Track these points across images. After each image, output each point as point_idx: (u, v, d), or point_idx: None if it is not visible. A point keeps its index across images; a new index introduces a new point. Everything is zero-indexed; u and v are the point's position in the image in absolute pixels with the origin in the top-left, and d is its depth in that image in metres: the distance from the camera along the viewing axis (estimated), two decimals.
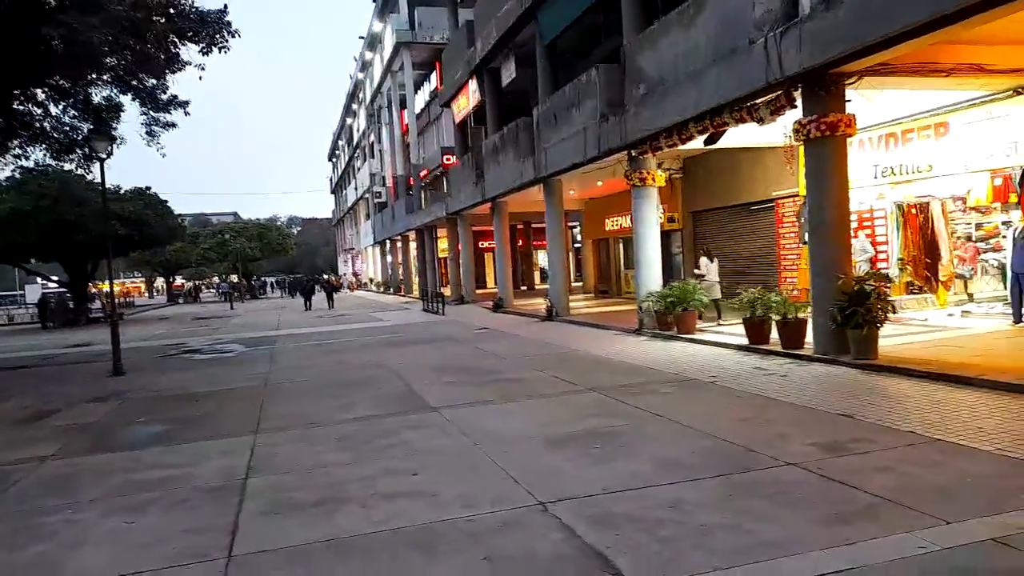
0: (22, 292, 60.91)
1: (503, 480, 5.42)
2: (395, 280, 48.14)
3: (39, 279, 42.69)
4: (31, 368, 15.80)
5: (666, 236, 22.49)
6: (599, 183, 20.97)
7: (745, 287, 13.37)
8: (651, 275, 14.44)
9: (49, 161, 17.90)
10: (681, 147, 13.31)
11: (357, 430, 7.44)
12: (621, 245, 26.24)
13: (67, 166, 19.38)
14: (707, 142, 12.33)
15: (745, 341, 11.40)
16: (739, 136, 12.69)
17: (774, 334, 10.94)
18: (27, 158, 17.55)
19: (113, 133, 17.13)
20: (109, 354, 13.84)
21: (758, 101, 10.45)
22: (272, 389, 10.59)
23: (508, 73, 22.00)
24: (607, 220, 25.13)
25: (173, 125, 18.40)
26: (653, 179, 14.28)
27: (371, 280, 61.86)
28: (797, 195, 15.66)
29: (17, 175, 30.43)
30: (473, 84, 25.26)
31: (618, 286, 25.86)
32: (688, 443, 6.14)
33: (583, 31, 19.17)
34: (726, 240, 18.87)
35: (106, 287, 64.17)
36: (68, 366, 15.83)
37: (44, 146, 17.55)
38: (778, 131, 12.20)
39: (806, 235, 15.37)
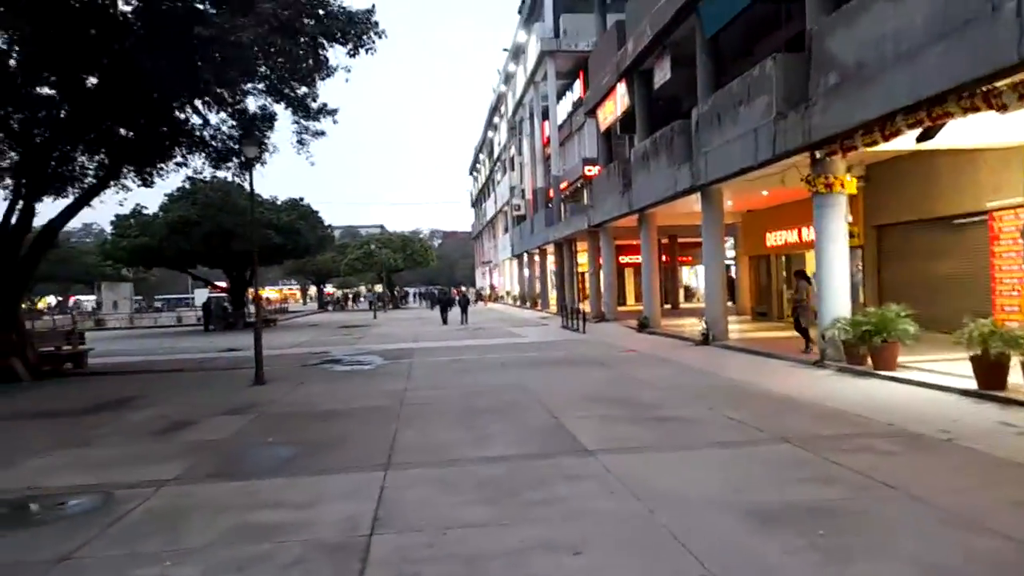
0: (192, 296, 66.23)
1: None
2: (531, 294, 47.42)
3: (206, 284, 45.73)
4: (181, 372, 16.10)
5: None
6: (764, 192, 18.83)
7: (940, 315, 11.08)
8: (837, 299, 12.33)
9: (208, 169, 18.38)
10: (879, 147, 11.21)
11: (500, 475, 6.23)
12: (783, 263, 23.77)
13: (224, 174, 19.96)
14: (920, 139, 10.19)
15: (969, 384, 9.17)
16: (958, 133, 10.43)
17: (1014, 377, 8.68)
18: (187, 166, 18.07)
19: (264, 140, 17.36)
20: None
21: (1001, 84, 8.30)
22: (406, 411, 9.68)
23: (662, 74, 20.40)
24: (768, 234, 22.74)
25: (322, 133, 18.44)
26: (842, 185, 12.20)
27: (507, 293, 61.70)
28: (1022, 206, 12.96)
29: (187, 185, 32.69)
30: (622, 88, 23.85)
31: (779, 308, 23.35)
32: (953, 539, 4.39)
33: (749, 23, 17.27)
34: (920, 259, 16.15)
35: (262, 293, 68.57)
36: (216, 372, 15.97)
37: (204, 154, 18.08)
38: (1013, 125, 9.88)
39: None
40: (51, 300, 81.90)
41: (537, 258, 44.69)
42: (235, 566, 4.41)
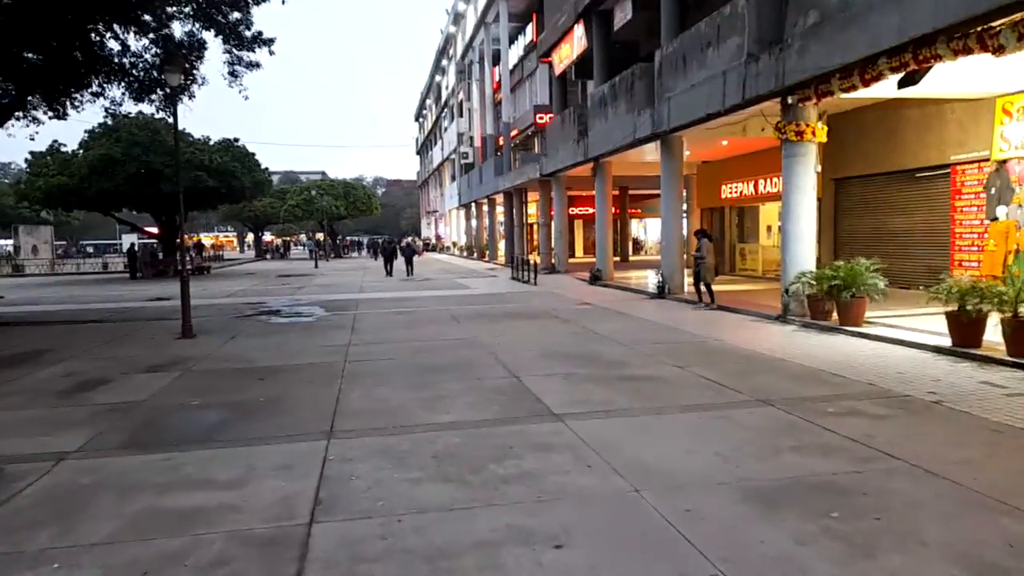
0: (120, 241, 62.85)
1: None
2: (479, 245, 46.48)
3: (132, 229, 43.13)
4: (102, 323, 14.77)
5: None
6: (724, 142, 18.29)
7: (898, 270, 10.83)
8: (802, 252, 11.91)
9: (129, 101, 16.66)
10: (855, 94, 10.65)
11: (460, 444, 5.50)
12: (736, 216, 23.49)
13: (148, 110, 18.24)
14: (902, 84, 9.63)
15: (941, 340, 8.87)
16: (932, 82, 9.91)
17: (989, 335, 8.39)
18: (104, 96, 16.34)
19: (190, 67, 15.80)
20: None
21: (999, 23, 7.75)
22: (351, 369, 8.84)
23: (623, 14, 19.46)
24: (724, 186, 22.35)
25: (257, 65, 16.96)
26: (813, 133, 11.64)
27: (454, 244, 60.56)
28: (987, 160, 12.72)
29: (109, 121, 30.24)
30: (579, 29, 22.79)
31: (732, 262, 23.15)
32: (984, 522, 3.88)
33: None
34: (878, 213, 15.95)
35: (201, 240, 65.66)
36: (140, 323, 14.71)
37: (123, 84, 16.36)
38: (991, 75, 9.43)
39: (997, 209, 12.52)
40: None
41: (485, 208, 43.60)
42: (138, 570, 3.57)
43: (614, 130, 19.32)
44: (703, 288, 14.59)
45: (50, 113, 16.53)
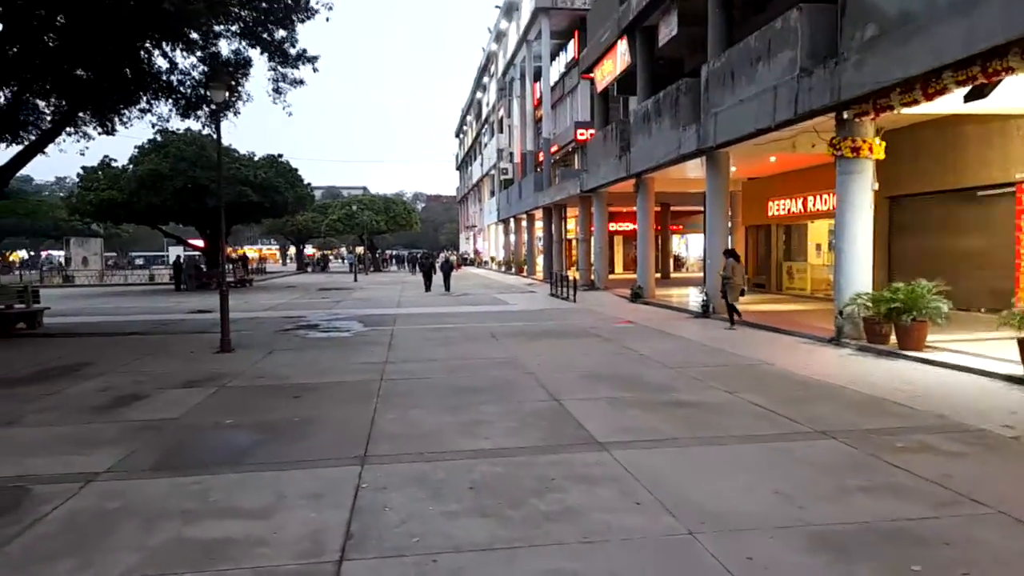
0: (166, 254, 64.34)
1: None
2: (517, 260, 46.28)
3: (178, 242, 43.96)
4: (142, 335, 14.89)
5: None
6: (771, 159, 17.80)
7: (957, 293, 10.24)
8: (858, 273, 11.36)
9: (176, 117, 16.92)
10: (916, 109, 10.16)
11: (499, 474, 5.20)
12: (783, 233, 22.84)
13: (194, 126, 18.52)
14: (968, 98, 9.12)
15: (1013, 368, 8.29)
16: (1007, 93, 9.37)
17: None
18: (152, 112, 16.61)
19: (235, 84, 15.98)
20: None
21: None
22: (387, 388, 8.62)
23: (668, 30, 19.11)
24: (770, 203, 21.77)
25: (301, 82, 17.11)
26: (870, 149, 11.14)
27: (492, 259, 60.50)
28: None
29: (158, 138, 30.96)
30: (622, 45, 22.51)
31: (778, 281, 22.48)
32: None
33: None
34: (935, 233, 15.25)
35: (246, 253, 66.85)
36: (181, 336, 14.79)
37: (170, 101, 16.62)
38: None
39: None
40: (23, 255, 79.61)
41: (524, 223, 43.44)
42: None
43: (657, 146, 18.95)
44: (728, 307, 14.52)
45: (100, 129, 16.86)
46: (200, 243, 37.31)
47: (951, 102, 9.75)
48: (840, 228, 11.61)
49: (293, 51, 16.45)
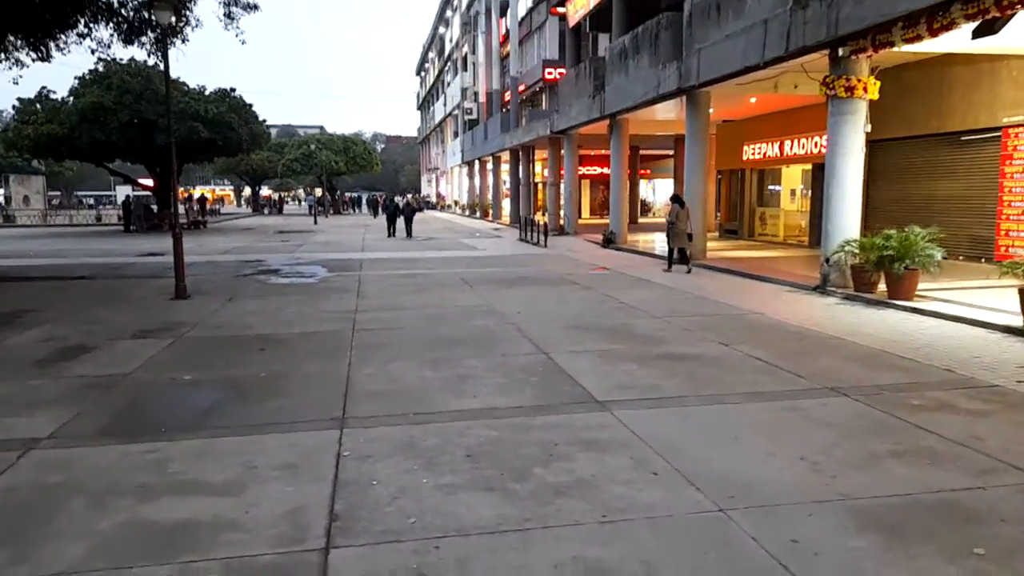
0: (114, 194, 61.57)
1: None
2: (482, 204, 45.38)
3: (126, 181, 41.76)
4: (90, 279, 13.91)
5: (824, 170, 18.72)
6: (752, 100, 17.23)
7: (940, 240, 10.01)
8: (847, 219, 11.02)
9: (117, 44, 15.54)
10: (918, 46, 9.67)
11: (496, 439, 4.71)
12: (756, 178, 22.51)
13: (138, 54, 17.10)
14: (977, 33, 8.63)
15: (1009, 320, 8.07)
16: (1015, 31, 8.90)
17: None
18: (91, 38, 15.20)
19: (183, 8, 14.68)
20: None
21: None
22: (361, 339, 8.03)
23: None
24: (745, 147, 21.33)
25: (255, 7, 15.90)
26: (865, 89, 10.66)
27: (455, 202, 59.37)
28: None
29: (100, 68, 28.93)
30: None
31: (751, 226, 22.24)
32: None
33: None
34: (916, 179, 15.00)
35: (196, 193, 64.31)
36: (131, 280, 13.87)
37: (112, 25, 15.21)
38: None
39: None
40: None
41: (490, 166, 42.39)
42: None
43: (634, 85, 18.21)
44: (669, 251, 14.81)
45: (33, 55, 15.41)
46: (149, 182, 35.48)
47: (955, 39, 9.29)
48: (830, 172, 11.21)
49: None
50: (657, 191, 43.31)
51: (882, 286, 10.30)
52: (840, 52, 10.57)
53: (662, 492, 3.87)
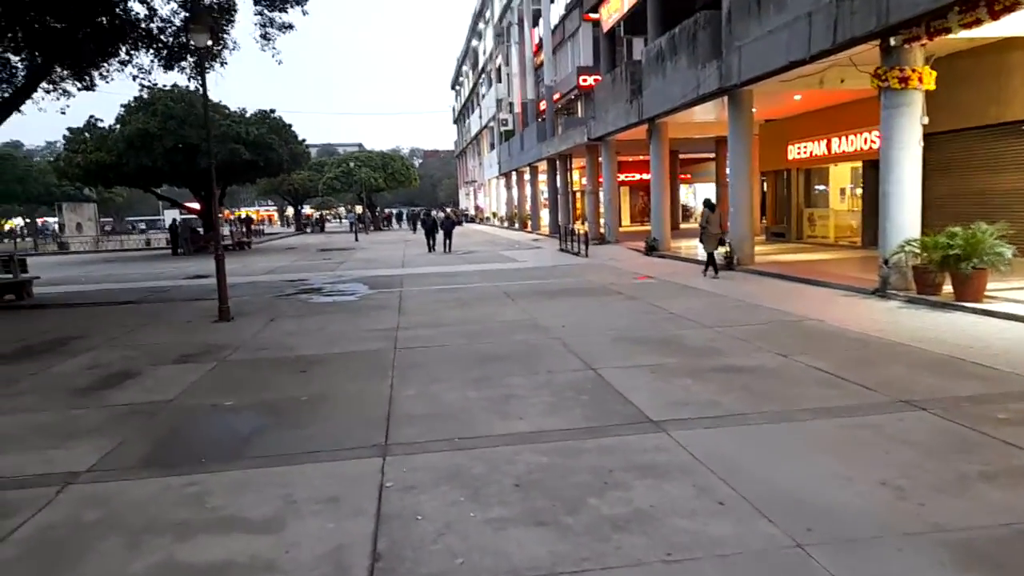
0: (162, 218, 63.22)
1: None
2: (520, 215, 45.22)
3: (172, 205, 42.76)
4: (136, 304, 14.08)
5: (875, 167, 18.00)
6: (796, 97, 16.71)
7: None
8: (906, 217, 10.47)
9: (158, 69, 15.81)
10: (977, 31, 9.14)
11: (545, 467, 4.43)
12: (803, 179, 21.82)
13: (179, 78, 17.40)
14: None
15: None
16: None
17: None
18: (132, 64, 15.49)
19: (218, 27, 14.86)
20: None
21: None
22: (402, 359, 7.84)
23: None
24: (791, 146, 20.70)
25: (290, 27, 15.97)
26: (920, 79, 10.14)
27: (493, 214, 59.37)
28: None
29: (144, 95, 29.68)
30: None
31: (799, 228, 21.55)
32: None
33: None
34: (972, 172, 14.27)
35: (249, 215, 65.54)
36: (177, 304, 14.00)
37: (151, 51, 15.48)
38: None
39: None
40: (18, 222, 78.31)
41: (527, 176, 42.26)
42: None
43: (672, 87, 17.83)
44: (708, 256, 14.71)
45: (78, 84, 15.78)
46: (196, 205, 36.22)
47: (1018, 21, 8.73)
48: (886, 168, 10.68)
49: None
50: (698, 196, 42.51)
51: (947, 287, 9.73)
52: (892, 42, 10.07)
53: (730, 525, 3.54)
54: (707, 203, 15.20)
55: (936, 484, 3.89)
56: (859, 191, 18.98)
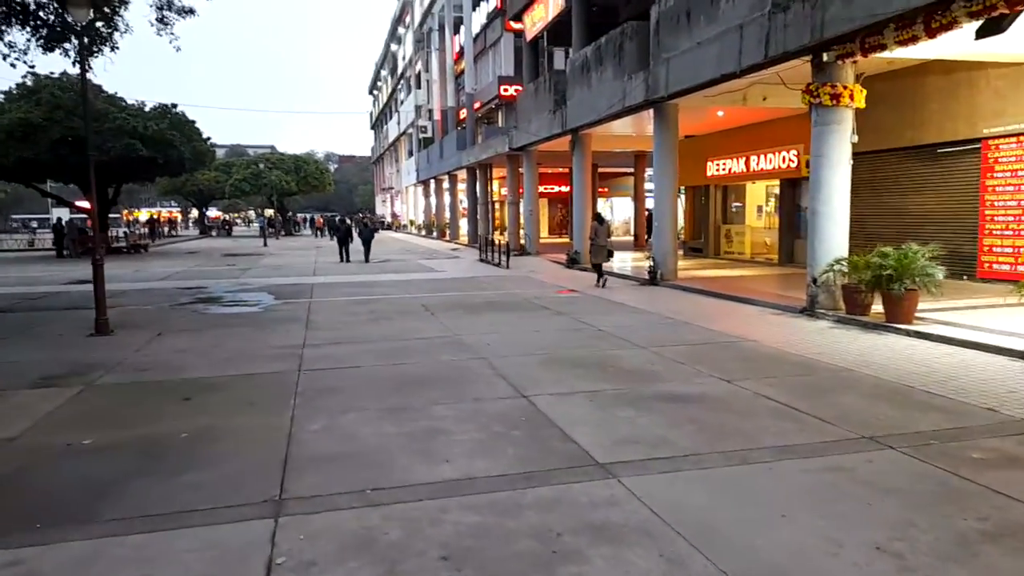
0: (51, 216, 58.55)
1: None
2: (439, 223, 44.30)
3: (58, 202, 39.33)
4: (5, 313, 12.38)
5: (792, 185, 18.28)
6: (719, 113, 16.65)
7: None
8: (835, 236, 10.32)
9: (36, 49, 14.02)
10: (911, 49, 9.02)
11: (477, 528, 3.64)
12: (721, 195, 21.99)
13: (62, 63, 15.65)
14: (982, 32, 7.99)
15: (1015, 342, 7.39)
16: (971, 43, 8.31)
17: None
18: (3, 41, 13.68)
19: (112, 14, 13.39)
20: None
21: None
22: (308, 383, 6.87)
23: None
24: (710, 163, 20.77)
25: (191, 11, 14.53)
26: (851, 97, 10.01)
27: (411, 222, 58.14)
28: None
29: (28, 82, 27.11)
30: None
31: (716, 244, 21.66)
32: None
33: None
34: (889, 194, 14.53)
35: (140, 215, 61.48)
36: (52, 313, 12.38)
37: (29, 28, 13.75)
38: None
39: None
40: None
41: (446, 184, 41.42)
42: None
43: (598, 98, 17.48)
44: (594, 267, 15.51)
45: None
46: (86, 204, 33.37)
47: (952, 41, 8.68)
48: (815, 186, 10.51)
49: None
50: (615, 209, 42.81)
51: (876, 307, 9.58)
52: (825, 57, 9.91)
53: None
54: (596, 216, 16.34)
55: (938, 549, 3.35)
56: (776, 209, 19.19)
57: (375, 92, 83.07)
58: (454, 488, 4.17)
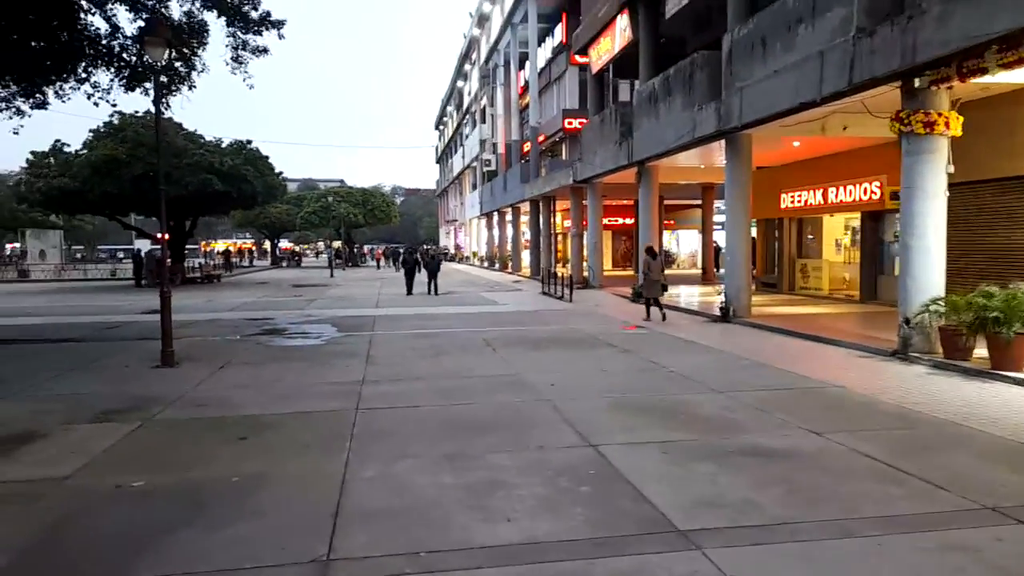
0: (133, 247, 61.32)
1: None
2: (501, 256, 44.27)
3: (138, 234, 41.12)
4: (76, 342, 12.68)
5: (874, 218, 17.33)
6: (795, 143, 15.96)
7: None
8: (930, 273, 9.53)
9: (118, 89, 14.61)
10: (1016, 72, 8.30)
11: None
12: (795, 228, 21.08)
13: (142, 102, 16.27)
14: None
15: None
16: None
17: None
18: (90, 83, 14.29)
19: (190, 55, 13.84)
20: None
21: None
22: (364, 424, 6.59)
23: (676, 1, 17.18)
24: (783, 195, 19.96)
25: (264, 51, 14.96)
26: (947, 125, 9.30)
27: (474, 254, 58.42)
28: None
29: (114, 121, 28.56)
30: (623, 20, 20.58)
31: (791, 280, 20.70)
32: None
33: None
34: (986, 227, 13.45)
35: (216, 246, 63.75)
36: (121, 344, 12.60)
37: (112, 69, 14.34)
38: None
39: None
40: None
41: (509, 217, 41.42)
42: None
43: (666, 129, 17.03)
44: (645, 301, 15.34)
45: (29, 101, 14.54)
46: (166, 236, 34.77)
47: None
48: (908, 219, 9.76)
49: (255, 14, 14.31)
50: (682, 242, 41.91)
51: (979, 351, 8.73)
52: (917, 83, 9.25)
53: None
54: (648, 250, 15.83)
55: None
56: (849, 242, 18.21)
57: (441, 127, 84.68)
58: (516, 555, 3.76)
